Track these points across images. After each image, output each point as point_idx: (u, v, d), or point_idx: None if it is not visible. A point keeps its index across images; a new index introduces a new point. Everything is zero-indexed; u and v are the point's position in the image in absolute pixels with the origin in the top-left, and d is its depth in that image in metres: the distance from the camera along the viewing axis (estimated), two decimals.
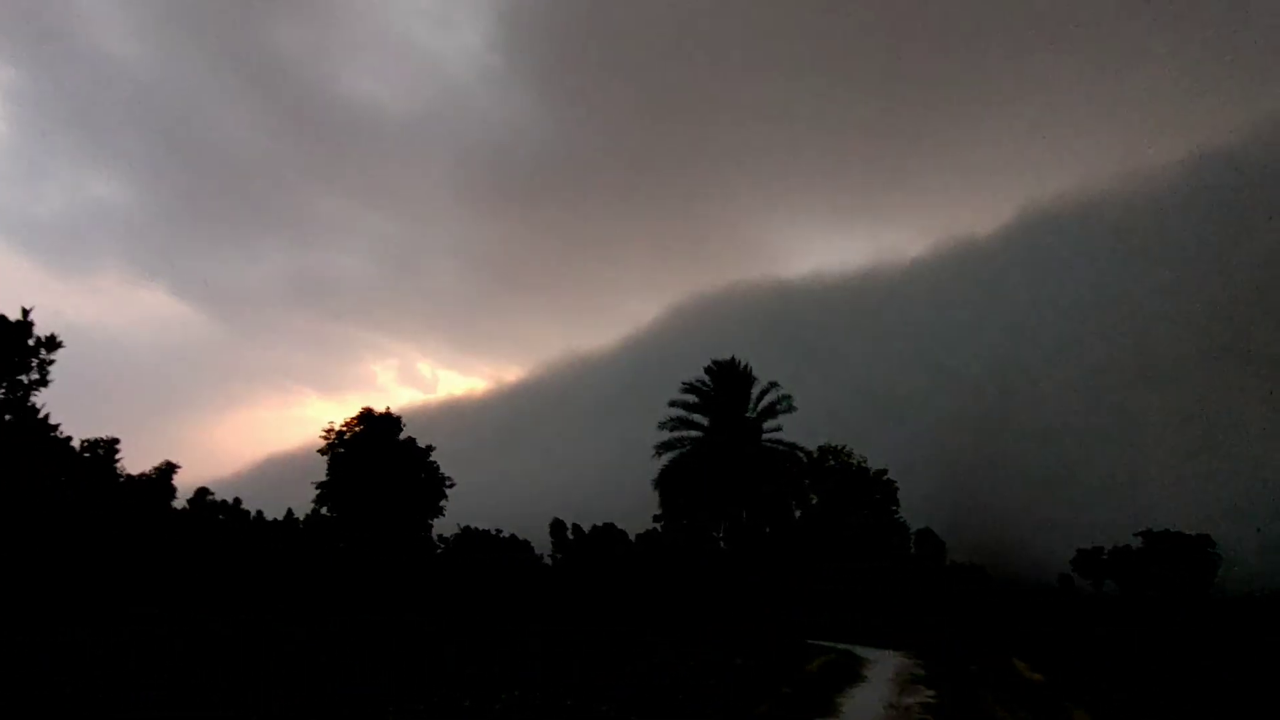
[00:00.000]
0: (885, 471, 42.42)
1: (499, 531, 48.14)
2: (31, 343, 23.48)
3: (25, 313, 23.79)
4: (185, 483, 49.19)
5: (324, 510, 39.53)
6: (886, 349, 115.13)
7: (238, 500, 52.81)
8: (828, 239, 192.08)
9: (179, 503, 47.59)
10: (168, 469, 47.82)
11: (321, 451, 40.10)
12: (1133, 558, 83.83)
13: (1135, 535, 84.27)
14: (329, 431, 40.28)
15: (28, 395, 23.88)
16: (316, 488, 39.99)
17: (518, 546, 52.61)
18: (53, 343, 23.93)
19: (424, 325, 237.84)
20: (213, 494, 53.66)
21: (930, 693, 16.99)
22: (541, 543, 70.19)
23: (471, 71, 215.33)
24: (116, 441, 39.97)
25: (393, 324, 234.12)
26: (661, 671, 14.05)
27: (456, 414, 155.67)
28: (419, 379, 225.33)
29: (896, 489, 42.21)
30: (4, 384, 23.28)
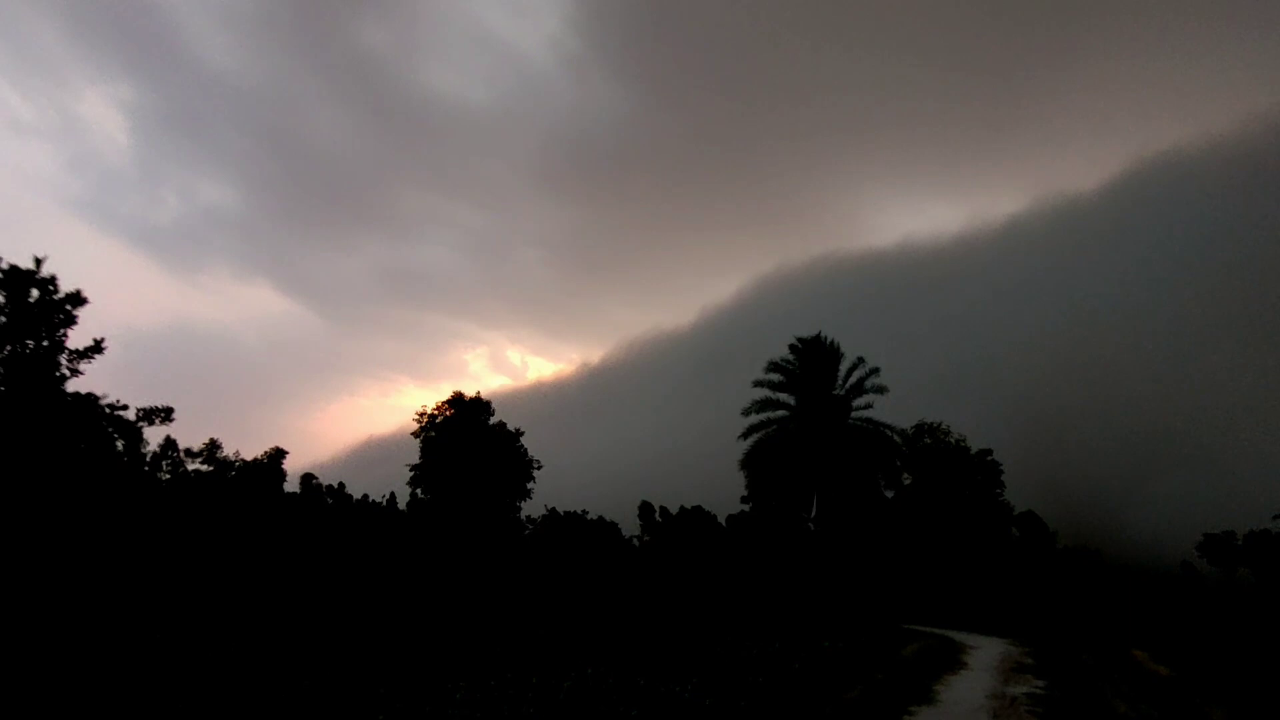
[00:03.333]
0: (989, 452, 40.19)
1: (584, 513, 48.49)
2: (50, 297, 19.67)
3: (38, 262, 20.19)
4: (292, 468, 51.84)
5: (418, 492, 40.76)
6: (982, 316, 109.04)
7: (342, 485, 55.24)
8: (918, 206, 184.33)
9: (288, 488, 50.14)
10: (277, 454, 50.41)
11: (414, 435, 41.30)
12: (1272, 543, 76.70)
13: (1276, 518, 76.89)
14: (421, 415, 41.46)
15: (54, 357, 20.21)
16: (410, 470, 41.26)
17: (605, 528, 52.95)
18: (77, 299, 20.16)
19: (511, 313, 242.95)
20: (317, 478, 56.39)
21: (1039, 683, 15.80)
22: (628, 523, 70.44)
23: (550, 58, 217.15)
24: (170, 411, 39.69)
25: (482, 313, 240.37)
26: (744, 653, 13.55)
27: (544, 398, 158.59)
28: (509, 365, 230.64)
29: (1001, 470, 39.95)
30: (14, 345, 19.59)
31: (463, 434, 39.91)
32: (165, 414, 20.44)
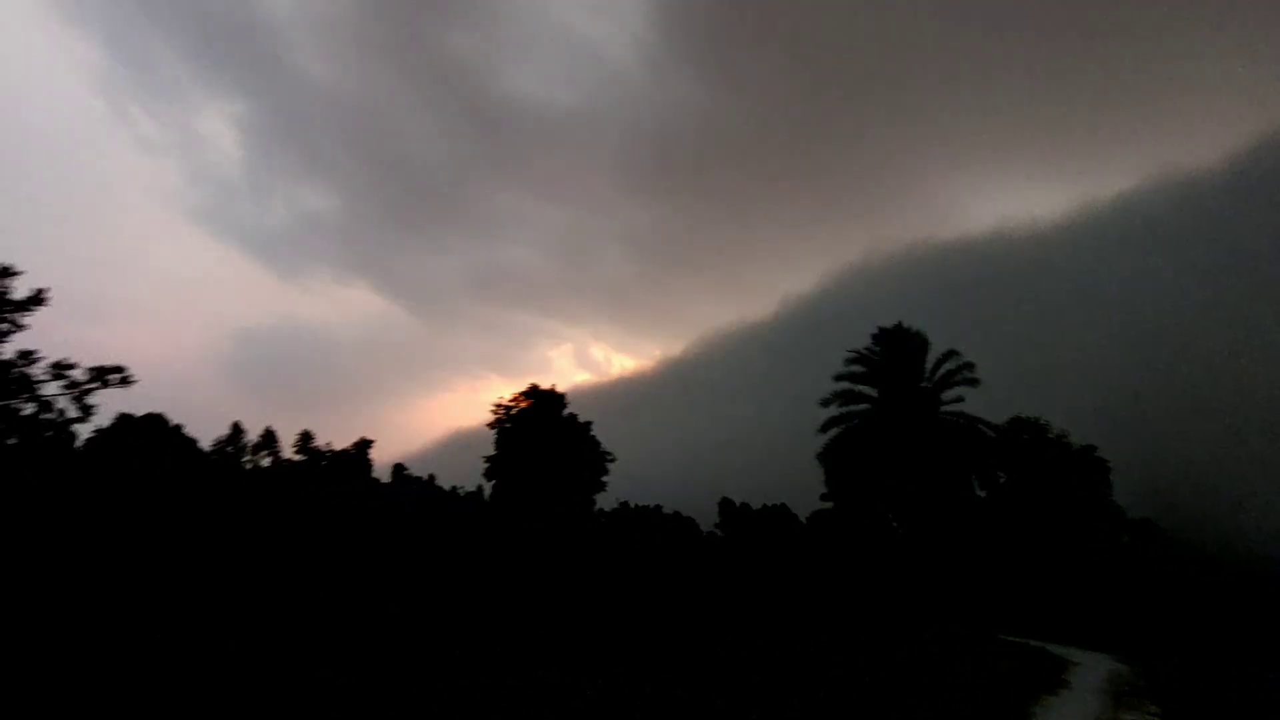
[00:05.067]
0: (1094, 449, 37.06)
1: (658, 507, 47.71)
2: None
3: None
4: (386, 459, 53.49)
5: (493, 483, 40.89)
6: (1085, 307, 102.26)
7: (432, 476, 56.41)
8: (1017, 190, 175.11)
9: (378, 476, 51.65)
10: (363, 445, 51.95)
11: (490, 426, 41.46)
12: None
13: None
14: (498, 407, 41.57)
15: None
16: (485, 461, 41.43)
17: (681, 524, 52.02)
18: (37, 299, 18.51)
19: (594, 309, 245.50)
20: (408, 469, 57.83)
21: (1154, 709, 13.96)
22: (709, 519, 69.27)
23: (631, 56, 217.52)
24: (123, 371, 35.63)
25: (566, 310, 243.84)
26: (809, 662, 12.36)
27: (625, 393, 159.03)
28: (592, 362, 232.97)
29: (1108, 468, 36.77)
30: None
31: (537, 425, 39.76)
32: (119, 374, 19.80)
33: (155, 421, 43.10)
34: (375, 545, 31.86)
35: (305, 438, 50.86)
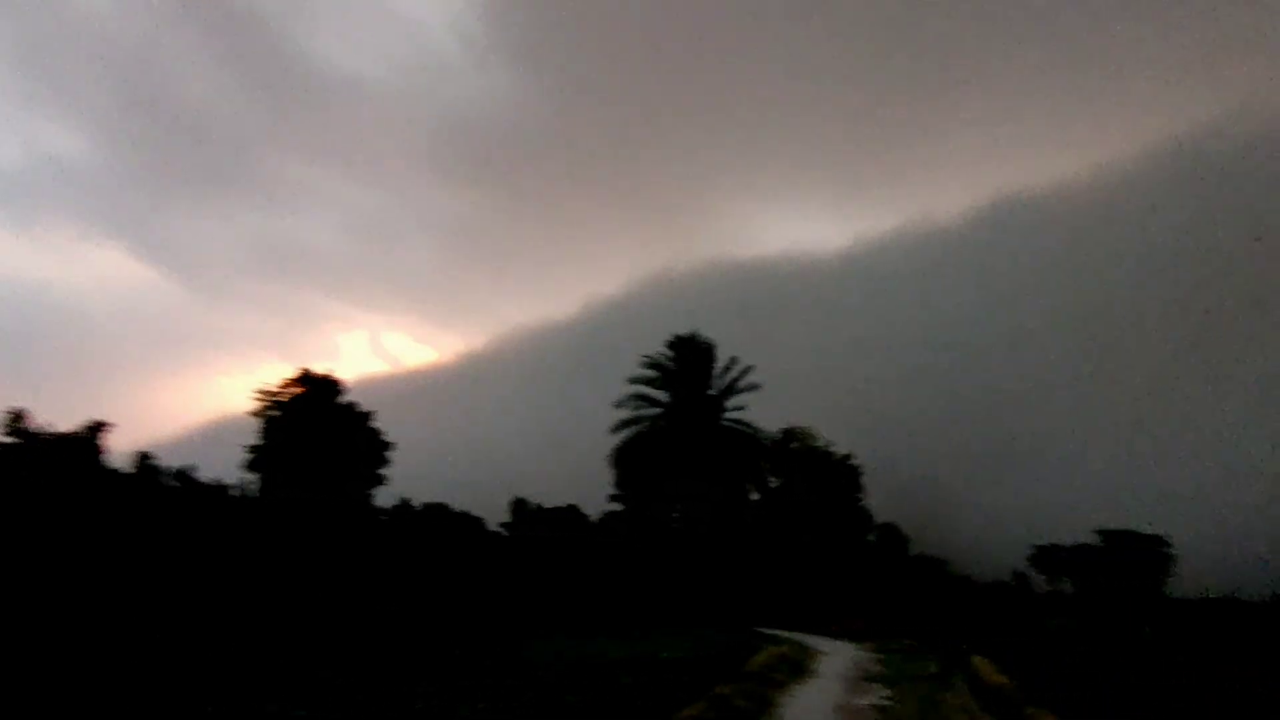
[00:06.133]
0: (850, 457, 40.90)
1: (436, 504, 45.86)
2: None
3: None
4: (133, 446, 46.27)
5: (254, 476, 36.89)
6: (852, 328, 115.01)
7: (188, 468, 49.65)
8: (805, 220, 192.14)
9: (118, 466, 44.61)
10: (95, 427, 44.75)
11: (254, 414, 37.43)
12: (1091, 555, 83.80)
13: (1094, 533, 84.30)
14: (263, 393, 37.60)
15: None
16: (248, 451, 37.33)
17: (468, 523, 50.38)
18: None
19: (395, 297, 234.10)
20: (155, 458, 50.44)
21: (886, 693, 15.34)
22: (501, 517, 67.57)
23: (450, 39, 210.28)
24: None
25: (361, 295, 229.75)
26: (564, 665, 12.13)
27: (422, 387, 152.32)
28: (388, 351, 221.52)
29: (861, 475, 40.73)
30: None
31: (309, 414, 36.51)
32: None
33: None
34: (82, 546, 27.32)
35: (15, 417, 42.91)
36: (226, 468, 49.15)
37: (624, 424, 41.45)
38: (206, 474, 41.25)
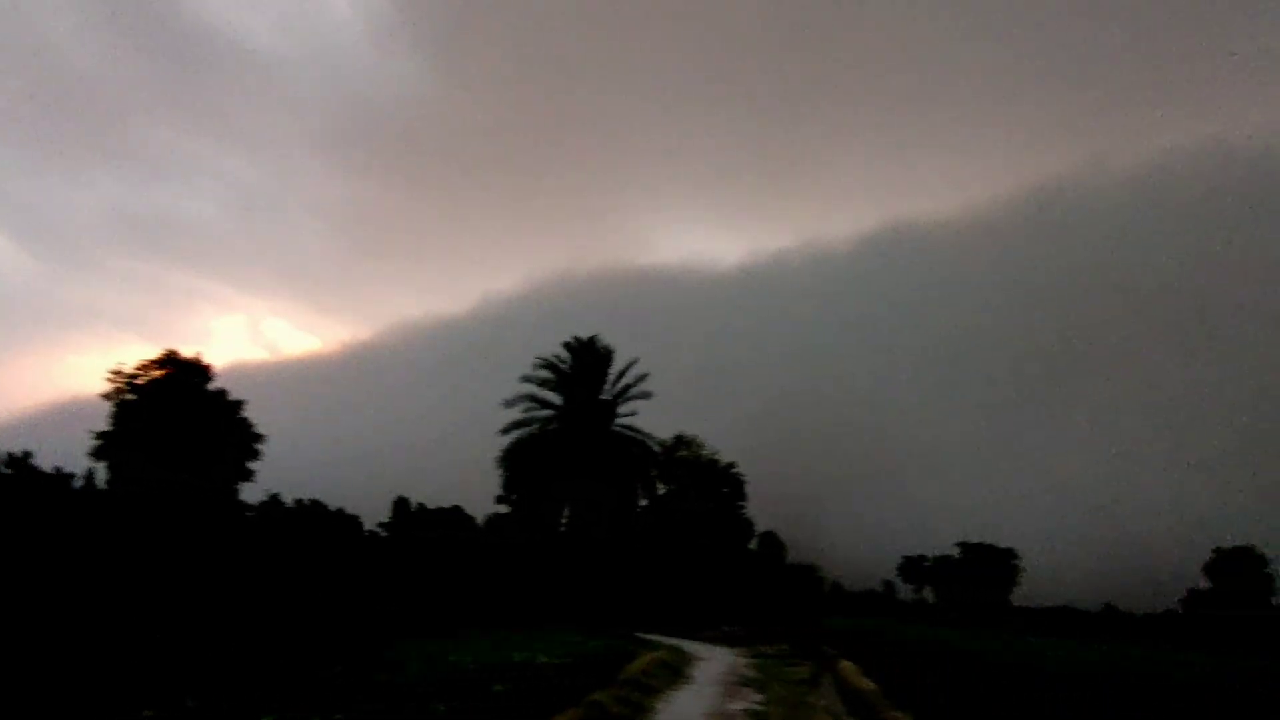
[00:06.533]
0: (734, 466, 41.86)
1: (304, 501, 43.51)
2: None
3: None
4: None
5: (102, 465, 33.76)
6: (743, 340, 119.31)
7: (24, 453, 44.79)
8: (705, 232, 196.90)
9: None
10: None
11: (106, 397, 34.29)
12: (951, 566, 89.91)
13: (955, 545, 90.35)
14: (117, 374, 34.49)
15: None
16: (96, 438, 34.15)
17: (344, 522, 48.08)
18: None
19: (277, 282, 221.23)
20: None
21: (759, 698, 15.68)
22: (381, 516, 64.92)
23: (355, 15, 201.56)
24: None
25: (241, 276, 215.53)
26: (436, 672, 11.68)
27: (304, 377, 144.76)
28: (266, 338, 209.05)
29: (745, 484, 41.76)
30: None
31: (171, 400, 33.82)
32: None
33: None
34: None
35: None
36: (73, 455, 44.87)
37: (515, 425, 40.81)
38: (47, 461, 37.44)
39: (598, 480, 38.83)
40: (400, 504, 73.24)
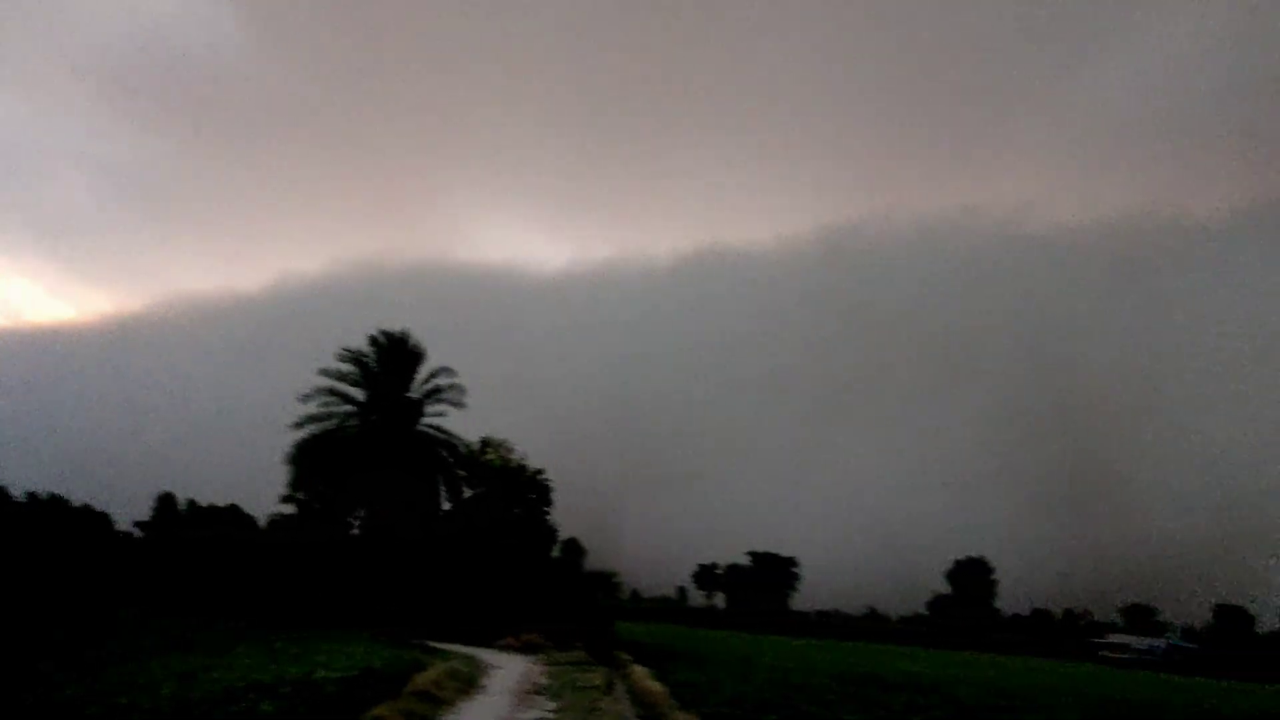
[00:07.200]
0: (542, 471, 41.70)
1: (39, 495, 37.81)
2: None
3: None
4: None
5: None
6: (559, 346, 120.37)
7: None
8: (526, 237, 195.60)
9: None
10: None
11: None
12: (741, 574, 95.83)
13: (746, 554, 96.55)
14: None
15: None
16: None
17: (90, 519, 42.15)
18: None
19: (30, 238, 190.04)
20: None
21: (551, 706, 15.62)
22: (139, 515, 58.18)
23: None
24: None
25: None
26: (193, 691, 10.43)
27: (53, 349, 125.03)
28: (7, 302, 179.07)
29: (551, 490, 41.71)
30: None
31: None
32: None
33: None
34: None
35: None
36: None
37: (310, 419, 37.93)
38: None
39: (398, 481, 37.06)
40: (165, 501, 65.66)
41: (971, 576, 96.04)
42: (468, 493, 39.88)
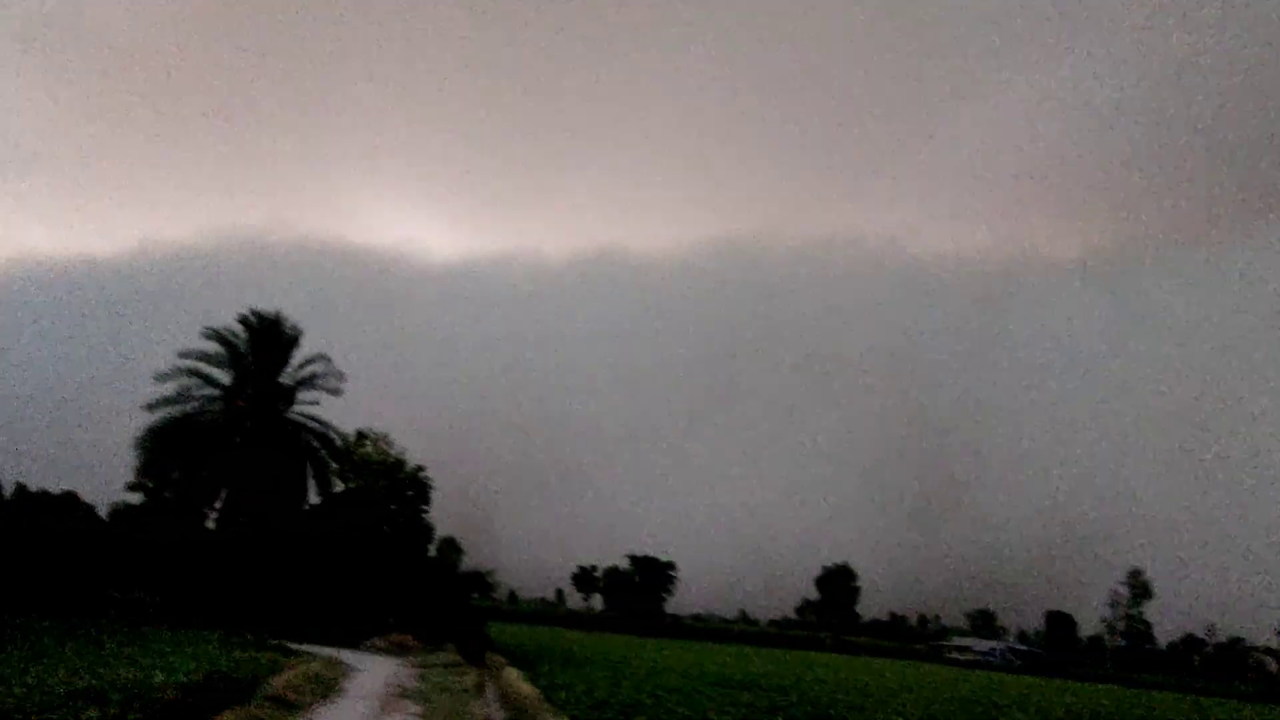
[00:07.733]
0: (423, 469, 40.35)
1: None
2: None
3: None
4: None
5: None
6: (446, 341, 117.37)
7: None
8: (419, 223, 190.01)
9: None
10: None
11: None
12: (620, 577, 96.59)
13: (625, 557, 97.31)
14: None
15: None
16: None
17: None
18: None
19: None
20: None
21: (417, 709, 15.04)
22: None
23: None
24: None
25: None
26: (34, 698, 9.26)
27: None
28: None
29: (430, 489, 40.39)
30: None
31: None
32: None
33: None
34: None
35: None
36: None
37: (167, 401, 35.12)
38: None
39: (261, 469, 34.86)
40: None
41: (839, 583, 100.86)
42: (340, 486, 38.03)
